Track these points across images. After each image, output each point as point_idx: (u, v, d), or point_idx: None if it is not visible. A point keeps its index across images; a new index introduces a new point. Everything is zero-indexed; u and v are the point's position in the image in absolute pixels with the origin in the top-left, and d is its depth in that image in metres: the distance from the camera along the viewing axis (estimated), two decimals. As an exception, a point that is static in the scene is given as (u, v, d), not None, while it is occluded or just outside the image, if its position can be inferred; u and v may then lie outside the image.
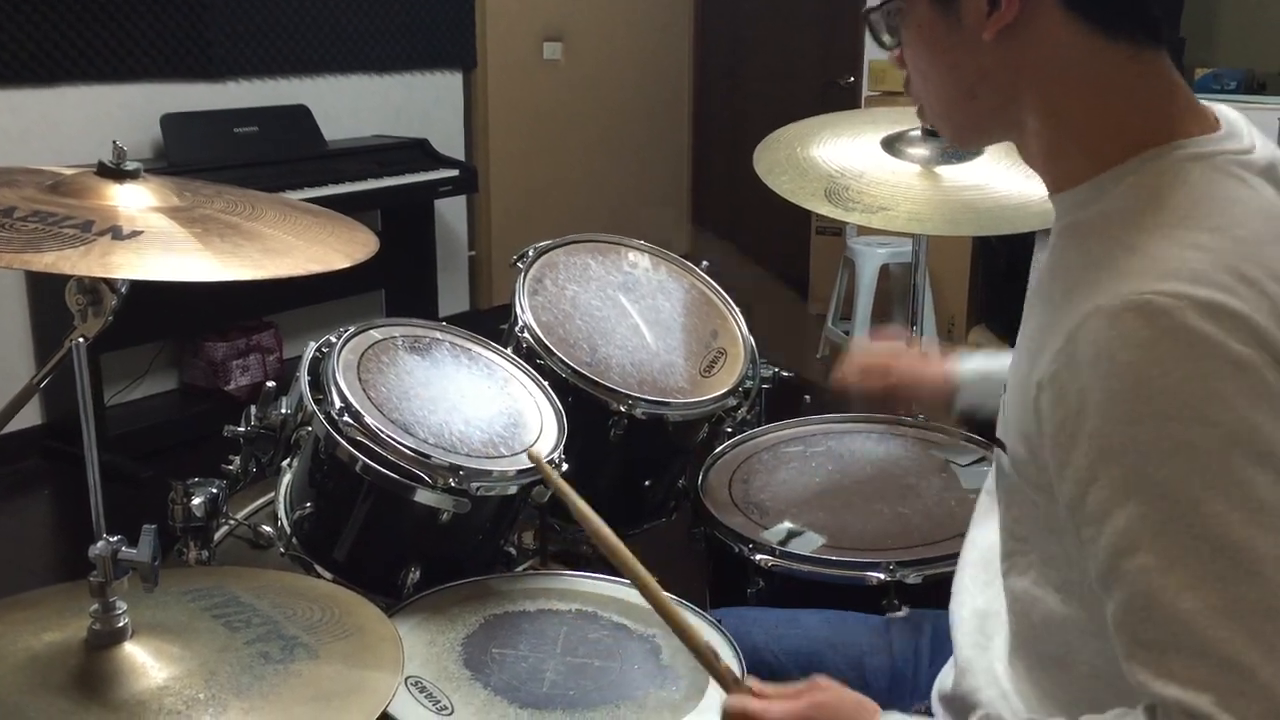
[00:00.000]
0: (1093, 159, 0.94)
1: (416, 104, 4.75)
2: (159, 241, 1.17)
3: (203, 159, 3.78)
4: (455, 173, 4.41)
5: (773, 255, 5.74)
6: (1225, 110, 0.98)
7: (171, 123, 3.80)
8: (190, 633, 0.96)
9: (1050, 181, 1.00)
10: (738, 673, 1.32)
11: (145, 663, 0.92)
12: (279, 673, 0.93)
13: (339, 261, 1.28)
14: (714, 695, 1.33)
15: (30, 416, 3.70)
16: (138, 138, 3.81)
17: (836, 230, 5.00)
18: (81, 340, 0.87)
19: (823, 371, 4.71)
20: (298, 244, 1.29)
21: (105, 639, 0.92)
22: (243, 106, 4.07)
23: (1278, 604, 0.76)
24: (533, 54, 5.17)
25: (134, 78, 3.78)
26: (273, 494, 1.65)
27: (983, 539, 1.20)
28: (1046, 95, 0.95)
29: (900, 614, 1.45)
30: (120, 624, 0.93)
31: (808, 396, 2.10)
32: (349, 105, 4.48)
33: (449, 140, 4.81)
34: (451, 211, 4.92)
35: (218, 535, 1.74)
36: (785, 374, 2.10)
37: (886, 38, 1.02)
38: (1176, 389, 0.79)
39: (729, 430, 1.98)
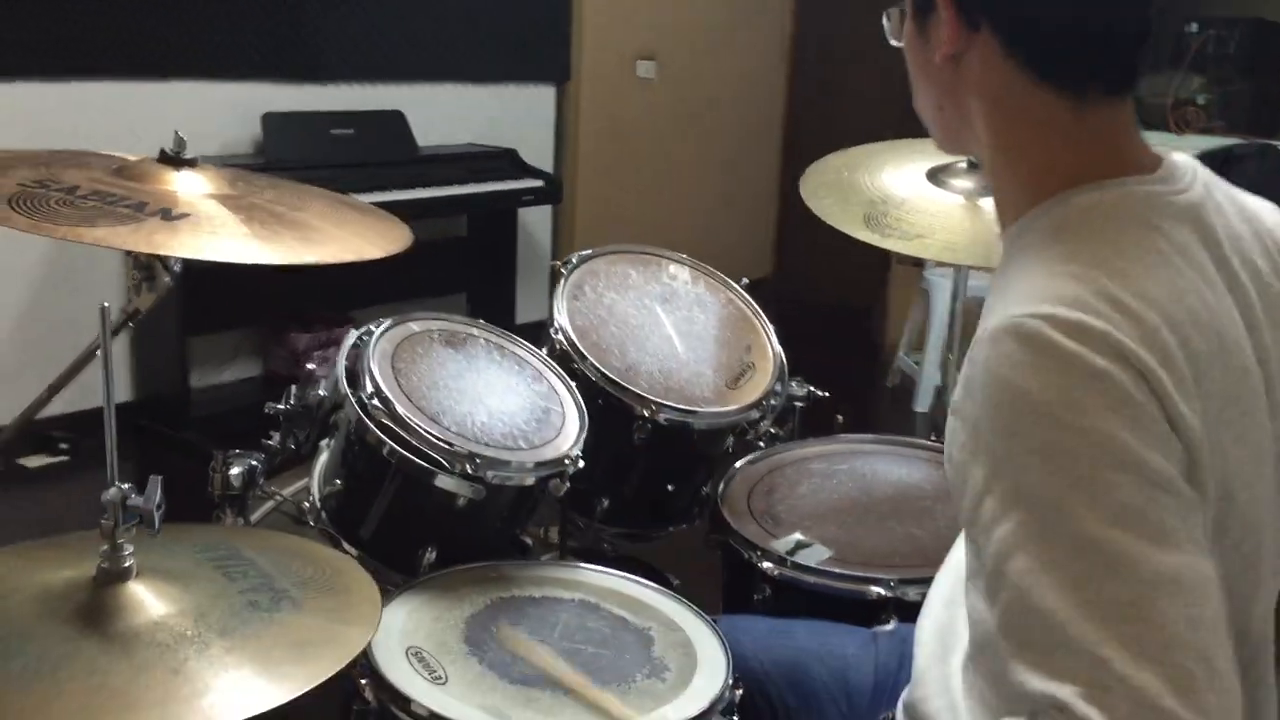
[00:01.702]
0: (1027, 196, 1.00)
1: (509, 115, 4.88)
2: (203, 224, 1.28)
3: (298, 157, 3.94)
4: (540, 183, 4.52)
5: (852, 282, 5.75)
6: (1179, 157, 1.02)
7: (272, 121, 3.96)
8: (191, 578, 1.06)
9: (998, 214, 1.06)
10: (725, 677, 1.38)
11: (144, 601, 1.02)
12: (263, 620, 1.02)
13: (371, 252, 1.37)
14: (697, 688, 1.39)
15: (120, 392, 3.88)
16: (239, 134, 3.99)
17: (918, 261, 5.01)
18: (106, 305, 0.96)
19: (890, 400, 4.72)
20: (335, 234, 1.38)
21: (111, 577, 1.02)
22: (341, 109, 4.23)
23: (1136, 601, 0.80)
24: (626, 71, 5.27)
25: (240, 76, 3.96)
26: (318, 472, 1.76)
27: (956, 558, 1.24)
28: (990, 124, 1.01)
29: (887, 628, 1.49)
30: (126, 564, 1.02)
31: (840, 416, 2.14)
32: (443, 113, 4.63)
33: (538, 152, 4.94)
34: (537, 221, 5.04)
35: (263, 509, 1.86)
36: (820, 393, 2.15)
37: (894, 39, 1.11)
38: (1044, 400, 0.84)
39: (761, 444, 2.04)
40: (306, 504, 1.77)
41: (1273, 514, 0.98)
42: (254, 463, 1.64)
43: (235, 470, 1.62)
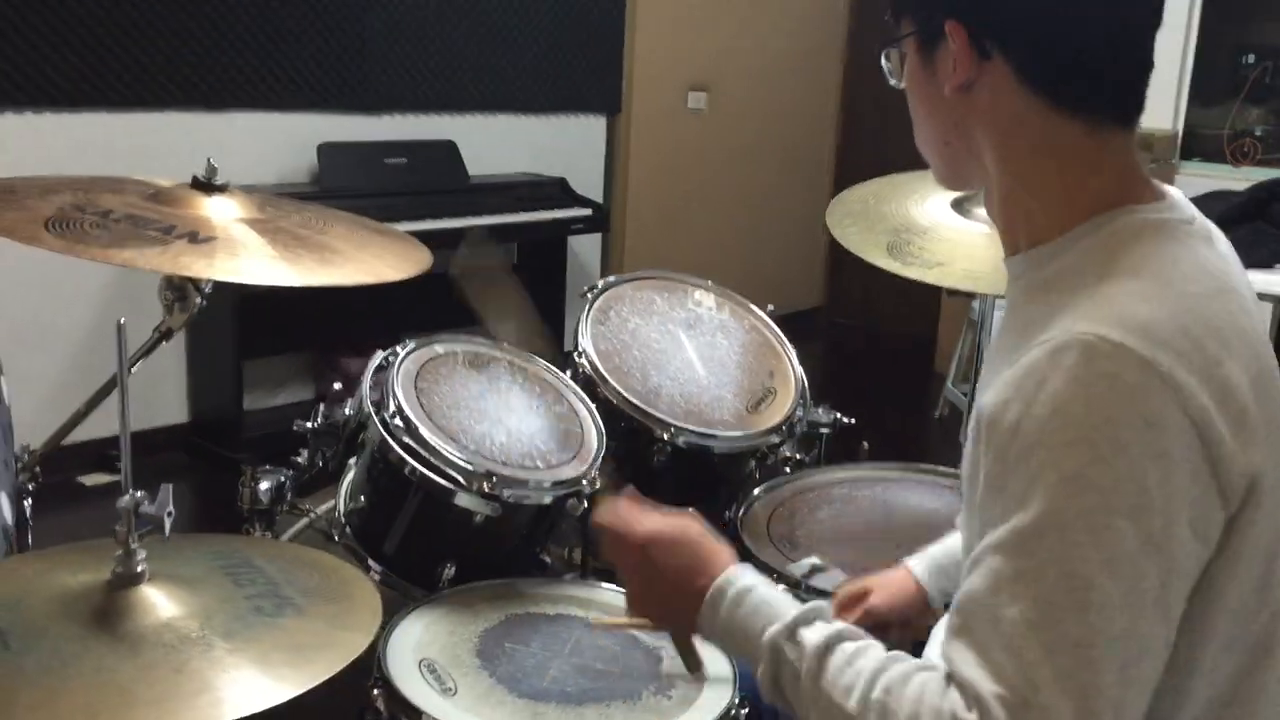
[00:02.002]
0: (1054, 221, 1.00)
1: (559, 145, 4.96)
2: (228, 247, 1.34)
3: (353, 186, 4.04)
4: (589, 212, 4.58)
5: (903, 313, 5.74)
6: (1169, 188, 1.04)
7: (327, 151, 4.07)
8: (200, 584, 1.11)
9: (1008, 240, 1.05)
10: (730, 696, 1.40)
11: (154, 604, 1.07)
12: (266, 624, 1.06)
13: (389, 275, 1.42)
14: (702, 706, 1.41)
15: (177, 413, 3.99)
16: (295, 163, 4.10)
17: (969, 293, 4.99)
18: (122, 321, 1.01)
19: (940, 431, 4.70)
20: (356, 257, 1.44)
21: (125, 580, 1.07)
22: (395, 139, 4.33)
23: (1086, 643, 0.82)
24: (677, 102, 5.33)
25: (297, 107, 4.07)
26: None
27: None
28: (1003, 153, 1.02)
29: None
30: (139, 569, 1.07)
31: (865, 444, 2.16)
32: (494, 143, 4.71)
33: (588, 181, 5.01)
34: (587, 249, 5.10)
35: (296, 526, 1.91)
36: (846, 420, 2.16)
37: (892, 78, 1.11)
38: (1088, 425, 0.85)
39: (787, 469, 2.06)
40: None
41: None
42: (282, 479, 1.70)
43: (264, 485, 1.67)
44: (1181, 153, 5.14)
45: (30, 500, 1.59)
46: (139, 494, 1.05)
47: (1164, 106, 5.15)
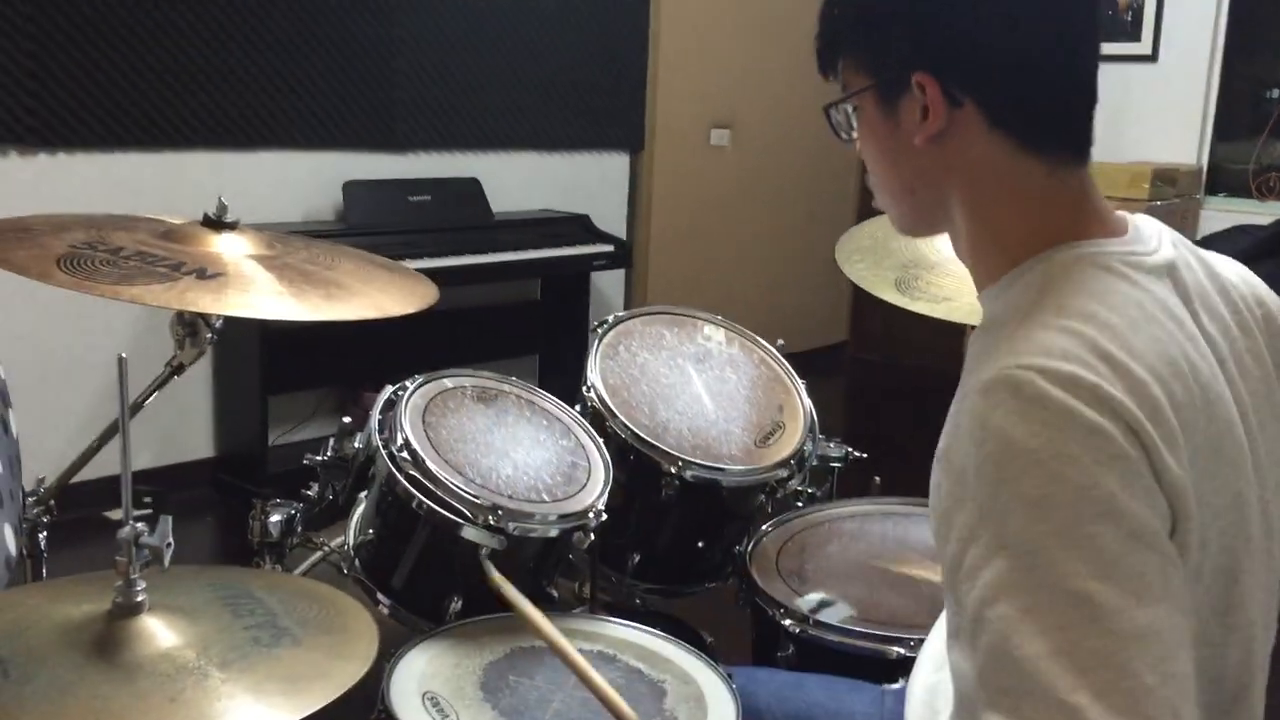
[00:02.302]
0: (1006, 258, 1.02)
1: (582, 181, 5.00)
2: (234, 283, 1.36)
3: (378, 223, 4.09)
4: (611, 248, 4.62)
5: (925, 349, 5.73)
6: (1142, 219, 1.06)
7: (352, 189, 4.13)
8: (199, 614, 1.12)
9: (975, 279, 1.08)
10: None
11: (153, 634, 1.08)
12: (262, 654, 1.08)
13: (394, 309, 1.44)
14: (704, 740, 1.42)
15: (203, 449, 4.04)
16: (321, 201, 4.16)
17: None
18: (124, 356, 1.04)
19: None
20: (362, 291, 1.46)
21: (124, 611, 1.09)
22: (419, 177, 4.38)
23: (1111, 650, 0.81)
24: (700, 139, 5.37)
25: (323, 146, 4.13)
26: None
27: (944, 619, 1.25)
28: (971, 197, 1.04)
29: (894, 686, 1.50)
30: (138, 599, 1.09)
31: (878, 479, 2.16)
32: (518, 180, 4.76)
33: (611, 217, 5.04)
34: (610, 286, 5.13)
35: (310, 560, 1.93)
36: (858, 455, 2.17)
37: (843, 134, 1.12)
38: (1034, 450, 0.86)
39: (799, 504, 2.07)
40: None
41: (1256, 564, 0.99)
42: (292, 512, 1.72)
43: (274, 518, 1.69)
44: (1206, 188, 5.12)
45: (45, 533, 1.61)
46: (139, 525, 1.07)
47: (1188, 142, 5.14)
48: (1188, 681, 0.83)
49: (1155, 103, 5.14)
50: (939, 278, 1.94)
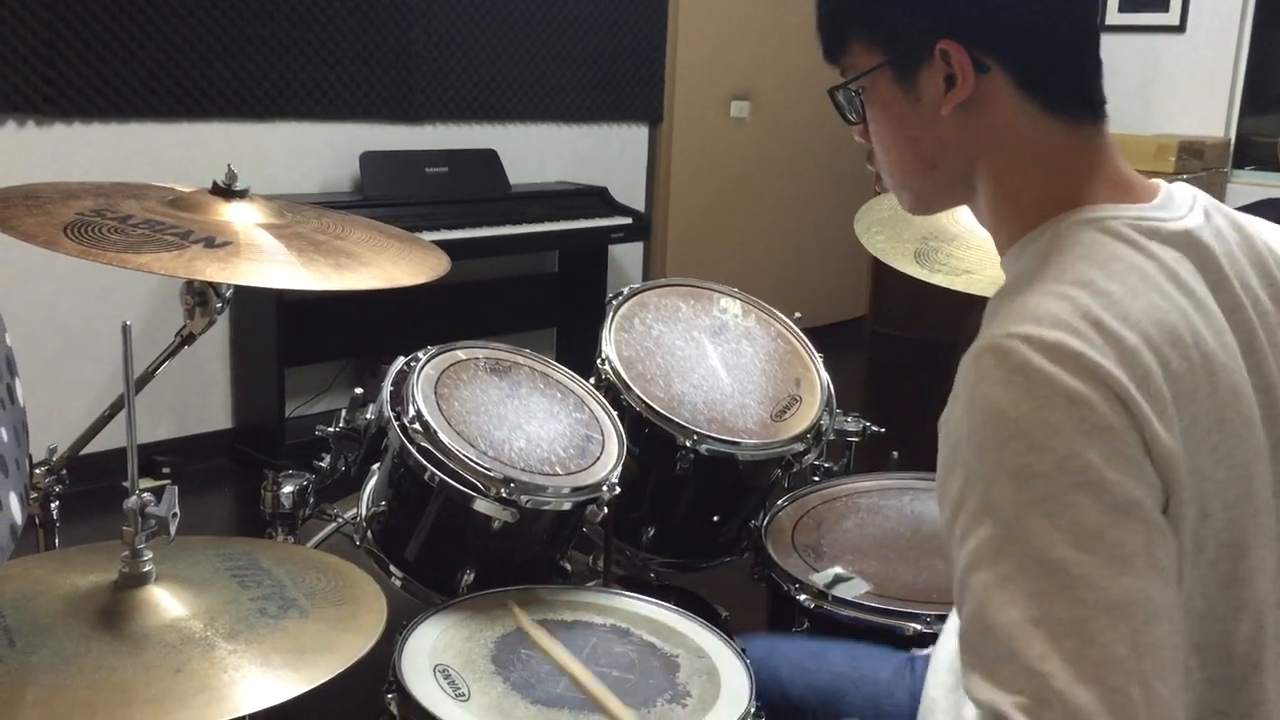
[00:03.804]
0: (1023, 222, 1.02)
1: (601, 154, 4.97)
2: (242, 252, 1.34)
3: (394, 195, 4.07)
4: (629, 221, 4.59)
5: (946, 323, 5.68)
6: (1179, 187, 1.04)
7: (369, 160, 4.11)
8: (206, 585, 1.11)
9: (998, 246, 1.08)
10: (746, 706, 1.39)
11: (159, 604, 1.07)
12: (269, 625, 1.07)
13: (404, 279, 1.43)
14: (720, 713, 1.40)
15: (221, 420, 4.04)
16: (338, 172, 4.14)
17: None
18: (128, 324, 1.02)
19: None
20: (372, 261, 1.44)
21: (131, 581, 1.08)
22: (436, 148, 4.36)
23: (1083, 619, 0.81)
24: (720, 111, 5.32)
25: (340, 117, 4.11)
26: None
27: None
28: (995, 164, 1.03)
29: (924, 652, 1.48)
30: (145, 569, 1.08)
31: (895, 453, 2.13)
32: (535, 152, 4.73)
33: (630, 190, 5.01)
34: (628, 259, 5.10)
35: (324, 532, 1.92)
36: (876, 429, 2.14)
37: (851, 115, 1.10)
38: (1016, 419, 0.86)
39: (816, 479, 2.05)
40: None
41: (1267, 538, 0.97)
42: (305, 483, 1.71)
43: (287, 489, 1.68)
44: (1234, 161, 5.05)
45: (57, 502, 1.61)
46: (146, 495, 1.06)
47: (1216, 114, 5.07)
48: (1168, 653, 0.83)
49: (1183, 74, 5.07)
50: (959, 250, 1.91)
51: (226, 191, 1.46)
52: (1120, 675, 0.80)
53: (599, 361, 1.87)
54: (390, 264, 1.44)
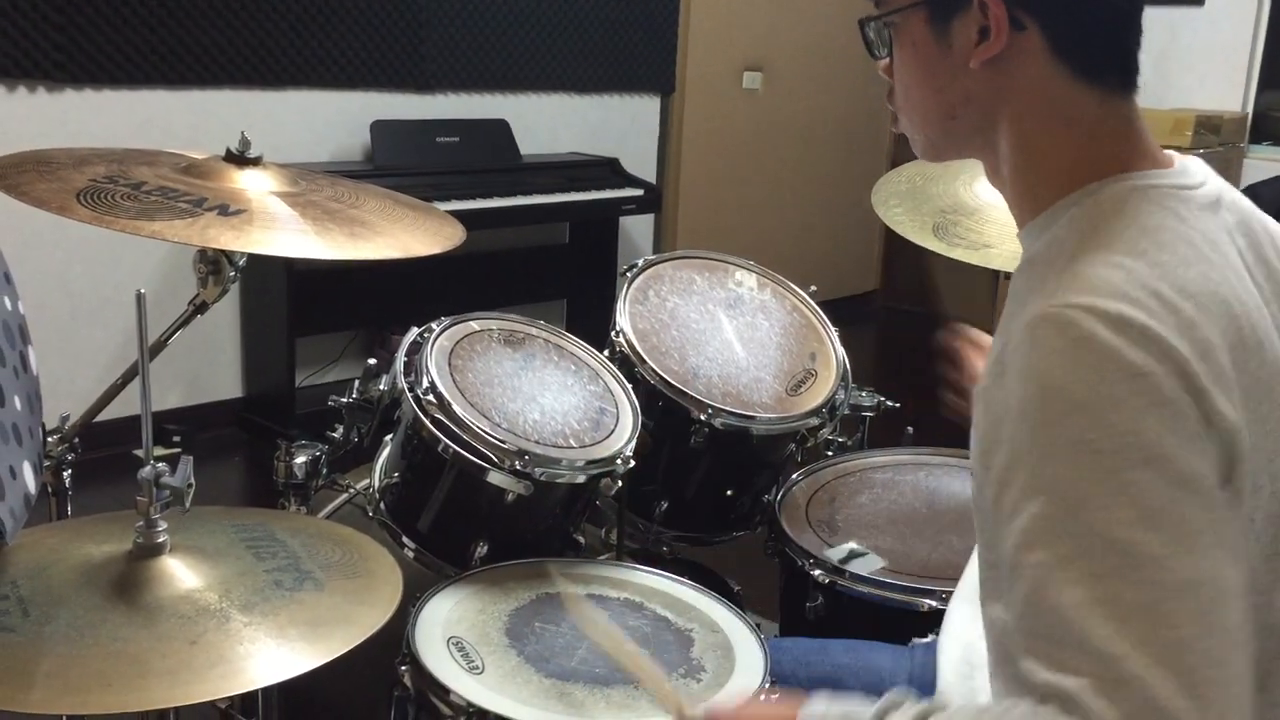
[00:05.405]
0: (1053, 189, 0.99)
1: (612, 124, 4.94)
2: (257, 220, 1.33)
3: (405, 164, 4.05)
4: (640, 192, 4.56)
5: (958, 297, 5.67)
6: (1189, 158, 1.02)
7: (380, 129, 4.08)
8: (221, 556, 1.11)
9: (1017, 213, 1.05)
10: (761, 680, 1.38)
11: (174, 575, 1.07)
12: (284, 598, 1.06)
13: (419, 249, 1.41)
14: (732, 690, 1.39)
15: (231, 389, 4.04)
16: (348, 141, 4.12)
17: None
18: (142, 292, 1.01)
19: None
20: (387, 231, 1.43)
21: (145, 552, 1.07)
22: (447, 118, 4.33)
23: (1152, 601, 0.79)
24: (732, 82, 5.28)
25: (351, 85, 4.09)
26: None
27: (973, 572, 1.23)
28: (1020, 125, 1.00)
29: (924, 641, 1.47)
30: (159, 540, 1.07)
31: (910, 428, 2.12)
32: (547, 122, 4.70)
33: (641, 161, 4.98)
34: (639, 230, 5.08)
35: (337, 502, 1.92)
36: (891, 404, 2.13)
37: (879, 50, 1.08)
38: (1077, 393, 0.83)
39: (830, 453, 2.03)
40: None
41: None
42: (317, 453, 1.70)
43: (299, 460, 1.67)
44: (1251, 136, 5.00)
45: (70, 470, 1.60)
46: (160, 465, 1.05)
47: (1233, 89, 5.02)
48: (1237, 633, 0.81)
49: (1201, 48, 5.02)
50: (978, 224, 1.89)
51: (240, 159, 1.45)
52: (1194, 656, 0.78)
53: (614, 334, 1.86)
54: (405, 233, 1.42)
